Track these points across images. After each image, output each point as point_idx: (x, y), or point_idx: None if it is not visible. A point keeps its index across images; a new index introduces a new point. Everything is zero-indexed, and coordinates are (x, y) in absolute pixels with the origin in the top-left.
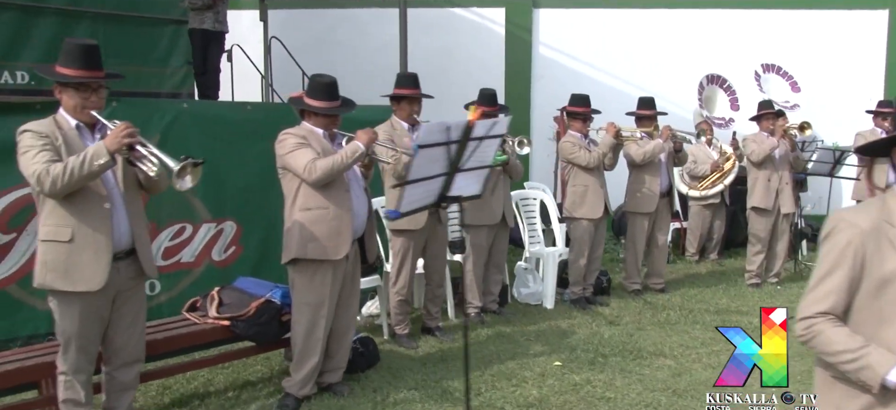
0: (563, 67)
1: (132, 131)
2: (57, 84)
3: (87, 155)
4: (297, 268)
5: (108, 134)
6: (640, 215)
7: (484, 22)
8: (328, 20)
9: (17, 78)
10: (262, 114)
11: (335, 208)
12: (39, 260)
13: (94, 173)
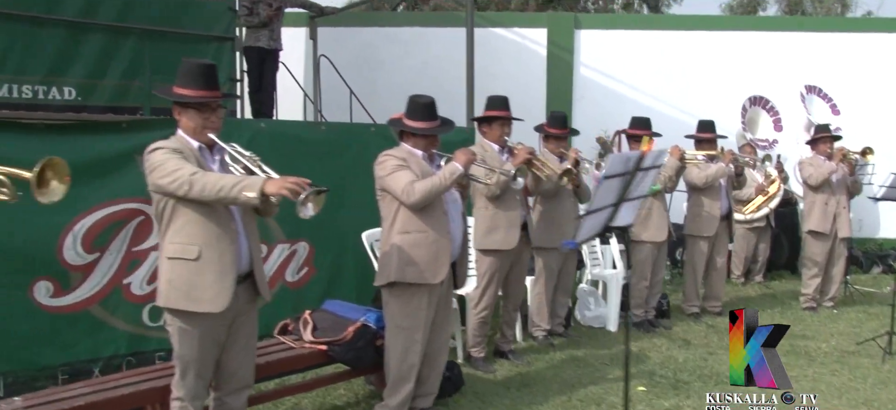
0: (604, 89)
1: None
2: (176, 106)
3: (241, 183)
4: (394, 291)
5: (275, 178)
6: (700, 238)
7: (525, 42)
8: (369, 38)
9: (65, 94)
10: (337, 134)
11: (434, 233)
12: (164, 279)
13: (237, 202)
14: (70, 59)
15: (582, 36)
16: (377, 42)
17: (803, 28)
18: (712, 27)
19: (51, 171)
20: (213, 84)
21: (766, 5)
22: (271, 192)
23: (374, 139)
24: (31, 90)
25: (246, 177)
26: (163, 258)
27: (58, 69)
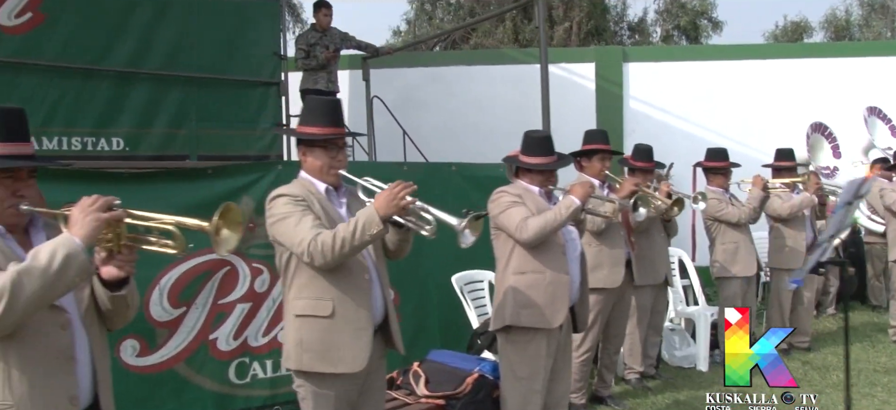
0: (655, 121)
1: (411, 190)
2: (301, 146)
3: (358, 224)
4: (510, 337)
5: (379, 196)
6: (785, 272)
7: (573, 77)
8: (412, 78)
9: (113, 144)
10: (418, 173)
11: (552, 273)
12: (293, 339)
13: (365, 244)
14: (118, 109)
15: (630, 69)
16: (420, 82)
17: (857, 54)
18: (762, 55)
19: (222, 220)
20: (340, 121)
21: (812, 32)
22: (388, 212)
23: (454, 178)
24: (80, 141)
25: (359, 213)
26: (289, 315)
27: (106, 119)
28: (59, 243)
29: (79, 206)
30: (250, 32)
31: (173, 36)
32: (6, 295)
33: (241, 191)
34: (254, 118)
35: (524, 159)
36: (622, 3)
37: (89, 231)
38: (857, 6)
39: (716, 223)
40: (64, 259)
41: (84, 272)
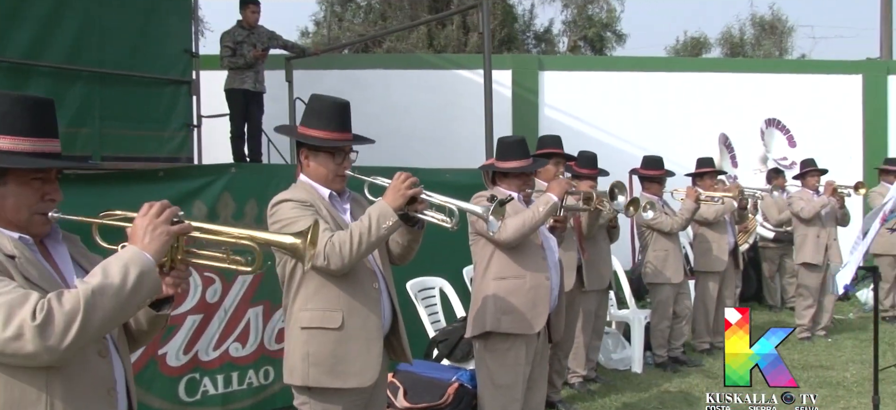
0: (569, 129)
1: (415, 180)
2: (304, 150)
3: (371, 218)
4: (489, 344)
5: (386, 191)
6: (710, 275)
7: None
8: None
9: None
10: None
11: (532, 276)
12: (299, 352)
13: (382, 239)
14: None
15: (546, 77)
16: (338, 85)
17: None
18: (673, 68)
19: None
20: (348, 125)
21: (711, 48)
22: (399, 204)
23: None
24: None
25: (369, 209)
26: (293, 327)
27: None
28: (130, 258)
29: (142, 216)
30: (160, 28)
31: (76, 27)
32: (79, 317)
33: (194, 194)
34: (163, 118)
35: (501, 164)
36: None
37: (160, 246)
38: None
39: (649, 231)
40: (138, 277)
41: (155, 292)
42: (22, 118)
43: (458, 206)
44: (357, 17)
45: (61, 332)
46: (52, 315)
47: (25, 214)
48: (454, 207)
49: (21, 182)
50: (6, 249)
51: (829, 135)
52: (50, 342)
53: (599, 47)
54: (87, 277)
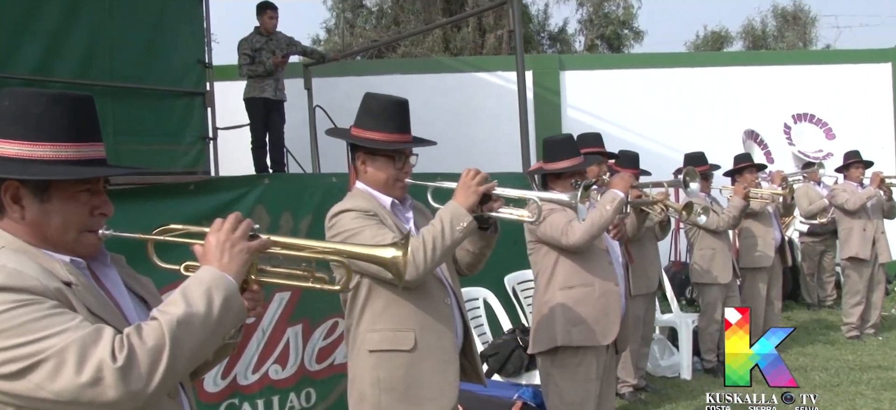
0: (592, 129)
1: (485, 176)
2: (360, 154)
3: (444, 221)
4: (557, 360)
5: (457, 189)
6: (758, 271)
7: (509, 85)
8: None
9: None
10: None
11: (601, 284)
12: (368, 378)
13: (457, 242)
14: None
15: (567, 77)
16: (354, 91)
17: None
18: (696, 64)
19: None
20: (408, 125)
21: (732, 41)
22: (471, 203)
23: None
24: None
25: (440, 212)
26: (360, 351)
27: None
28: (212, 282)
29: (216, 232)
30: (171, 39)
31: (85, 41)
32: (165, 354)
33: (226, 208)
34: (177, 131)
35: (551, 165)
36: (543, 13)
37: (240, 266)
38: (771, 17)
39: (694, 229)
40: (223, 303)
41: (241, 319)
42: (62, 121)
43: (541, 197)
44: (368, 23)
45: (147, 373)
46: (134, 354)
47: (74, 233)
48: (535, 198)
49: (67, 196)
50: (60, 274)
51: (860, 126)
52: (134, 387)
53: (617, 45)
54: (166, 305)
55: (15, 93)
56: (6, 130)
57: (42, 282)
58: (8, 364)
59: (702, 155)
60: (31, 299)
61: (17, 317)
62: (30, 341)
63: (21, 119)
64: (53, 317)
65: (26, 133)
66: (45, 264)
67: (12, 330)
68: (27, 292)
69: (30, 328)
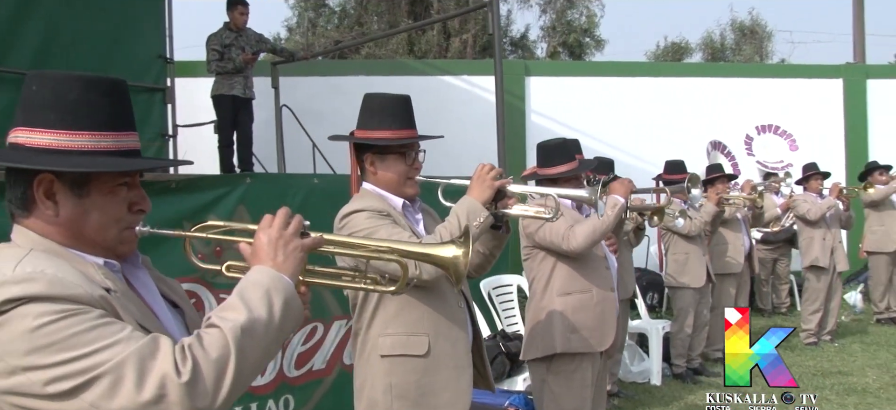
0: (555, 135)
1: (500, 171)
2: (368, 154)
3: (458, 219)
4: (553, 366)
5: (472, 184)
6: (727, 277)
7: (474, 89)
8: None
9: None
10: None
11: (599, 291)
12: (380, 385)
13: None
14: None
15: (532, 83)
16: (320, 91)
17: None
18: (662, 74)
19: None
20: (413, 120)
21: (692, 53)
22: (487, 197)
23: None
24: None
25: (455, 207)
26: (371, 356)
27: None
28: (271, 284)
29: (266, 229)
30: (131, 32)
31: (41, 33)
32: (231, 365)
33: (208, 208)
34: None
35: (546, 170)
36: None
37: (296, 265)
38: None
39: (668, 234)
40: (284, 307)
41: (298, 323)
42: (101, 107)
43: (559, 193)
44: (331, 23)
45: (213, 388)
46: (199, 368)
47: (115, 231)
48: (553, 195)
49: (106, 190)
50: (97, 279)
51: (813, 139)
52: (201, 403)
53: (579, 53)
54: (224, 311)
55: (45, 76)
56: (37, 118)
57: (85, 289)
58: (57, 382)
59: (682, 163)
60: (77, 308)
61: (64, 329)
62: (80, 355)
63: (55, 105)
64: (103, 327)
65: (62, 121)
66: (80, 268)
67: (59, 344)
68: (72, 301)
69: (79, 340)
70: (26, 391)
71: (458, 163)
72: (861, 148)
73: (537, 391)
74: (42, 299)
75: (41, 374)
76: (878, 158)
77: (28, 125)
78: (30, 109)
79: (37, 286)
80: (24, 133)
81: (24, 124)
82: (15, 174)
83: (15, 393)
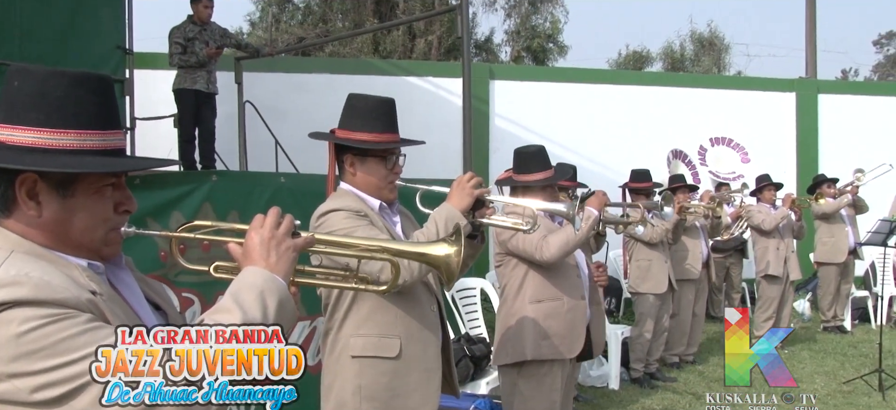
0: (520, 140)
1: (480, 180)
2: (350, 156)
3: (437, 225)
4: (524, 371)
5: (452, 191)
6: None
7: (440, 91)
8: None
9: None
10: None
11: (569, 299)
12: (350, 386)
13: None
14: None
15: (496, 86)
16: (282, 89)
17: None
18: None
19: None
20: (396, 124)
21: (653, 62)
22: (464, 205)
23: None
24: None
25: (435, 213)
26: (342, 356)
27: None
28: (264, 285)
29: (258, 229)
30: (89, 22)
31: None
32: None
33: (172, 205)
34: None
35: (521, 177)
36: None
37: (288, 265)
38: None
39: (632, 241)
40: (278, 308)
41: (292, 323)
42: (87, 105)
43: (537, 208)
44: (294, 19)
45: None
46: None
47: (101, 232)
48: (533, 209)
49: (92, 191)
50: (82, 282)
51: (766, 151)
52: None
53: (542, 59)
54: (217, 312)
55: (28, 71)
56: (20, 116)
57: (73, 293)
58: (44, 390)
59: (647, 172)
60: (65, 313)
61: (51, 335)
62: (69, 362)
63: (40, 103)
64: (92, 332)
65: (47, 119)
66: (65, 270)
67: (47, 350)
68: (59, 305)
69: (67, 346)
70: (12, 398)
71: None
72: (812, 160)
73: (507, 395)
74: (28, 303)
75: (27, 381)
76: (827, 170)
77: (9, 122)
78: (11, 105)
79: (22, 290)
80: (5, 130)
81: (5, 121)
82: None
83: (0, 401)
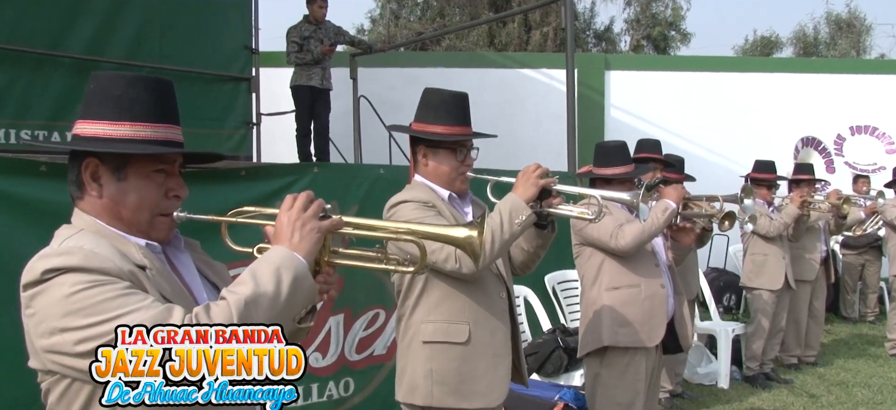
0: (635, 130)
1: (545, 170)
2: (423, 147)
3: (501, 215)
4: (606, 359)
5: (517, 181)
6: (801, 283)
7: (553, 82)
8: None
9: (67, 138)
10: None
11: (647, 286)
12: (421, 369)
13: (514, 238)
14: (75, 100)
15: (612, 77)
16: (398, 83)
17: (840, 70)
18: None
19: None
20: (468, 117)
21: (782, 47)
22: (531, 195)
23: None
24: (30, 134)
25: (499, 204)
26: (413, 341)
27: (61, 111)
28: (282, 261)
29: (286, 211)
30: (219, 23)
31: (137, 23)
32: None
33: (275, 196)
34: (222, 116)
35: (601, 170)
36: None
37: (311, 245)
38: (824, 24)
39: (748, 235)
40: (292, 283)
41: (311, 300)
42: (140, 101)
43: (602, 195)
44: (413, 14)
45: None
46: None
47: (147, 214)
48: (596, 196)
49: (142, 175)
50: (135, 257)
51: None
52: None
53: (663, 47)
54: (235, 285)
55: (100, 76)
56: (91, 112)
57: (116, 264)
58: (84, 343)
59: (772, 163)
60: (105, 279)
61: (93, 297)
62: (104, 319)
63: (104, 100)
64: (126, 297)
65: (108, 113)
66: (120, 247)
67: (88, 310)
68: (101, 272)
69: (103, 307)
70: (61, 349)
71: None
72: None
73: (590, 384)
74: (77, 270)
75: (72, 335)
76: None
77: (84, 118)
78: (86, 103)
79: (74, 258)
80: (80, 125)
81: (82, 117)
82: (71, 160)
83: (54, 351)
